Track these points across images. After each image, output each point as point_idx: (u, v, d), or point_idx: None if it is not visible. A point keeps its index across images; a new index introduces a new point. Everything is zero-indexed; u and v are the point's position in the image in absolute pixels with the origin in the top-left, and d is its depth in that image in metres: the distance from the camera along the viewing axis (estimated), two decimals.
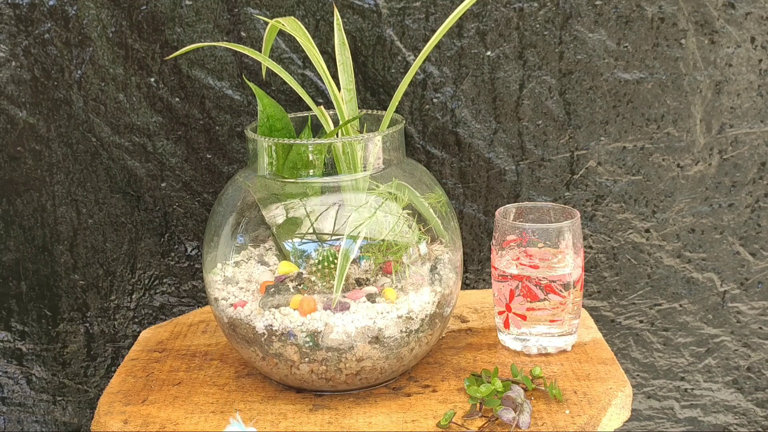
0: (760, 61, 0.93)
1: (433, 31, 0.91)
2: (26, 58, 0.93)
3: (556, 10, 0.92)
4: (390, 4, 0.91)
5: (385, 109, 0.76)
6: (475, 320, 0.88)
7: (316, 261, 0.71)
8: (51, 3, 0.91)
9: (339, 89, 0.76)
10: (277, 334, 0.69)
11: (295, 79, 0.80)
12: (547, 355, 0.79)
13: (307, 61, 0.93)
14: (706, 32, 0.92)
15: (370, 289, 0.72)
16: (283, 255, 0.75)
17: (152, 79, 0.94)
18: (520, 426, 0.67)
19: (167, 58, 0.93)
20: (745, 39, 0.93)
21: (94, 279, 1.01)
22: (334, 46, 0.78)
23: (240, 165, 0.97)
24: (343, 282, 0.68)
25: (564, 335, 0.79)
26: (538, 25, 0.92)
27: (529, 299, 0.78)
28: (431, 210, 0.75)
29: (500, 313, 0.80)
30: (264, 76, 0.92)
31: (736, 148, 0.96)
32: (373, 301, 0.70)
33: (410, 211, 0.73)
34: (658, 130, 0.95)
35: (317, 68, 0.77)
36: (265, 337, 0.70)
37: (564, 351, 0.80)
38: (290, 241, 0.74)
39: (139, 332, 0.93)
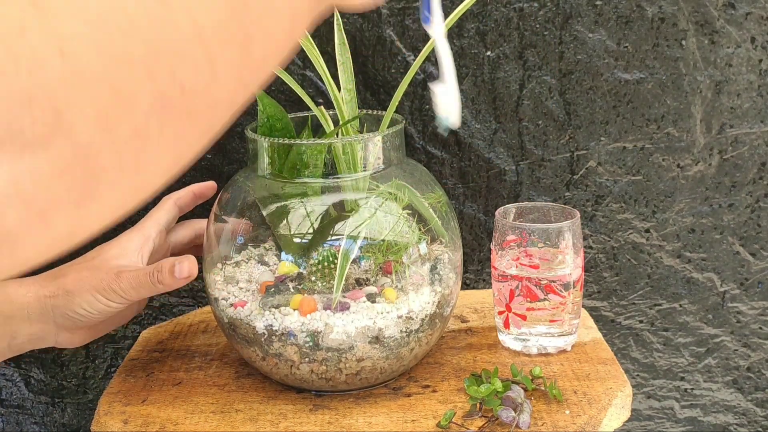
0: (760, 61, 0.93)
1: None
2: None
3: (556, 10, 0.92)
4: (390, 4, 0.91)
5: (385, 109, 0.76)
6: (475, 320, 0.88)
7: (316, 261, 0.71)
8: None
9: (339, 89, 0.76)
10: (277, 334, 0.69)
11: (295, 79, 0.79)
12: (547, 355, 0.79)
13: (307, 61, 0.93)
14: (706, 32, 0.92)
15: (370, 289, 0.71)
16: (278, 247, 0.75)
17: None
18: (520, 426, 0.67)
19: None
20: (745, 39, 0.93)
21: None
22: (334, 46, 0.78)
23: (240, 165, 0.97)
24: (343, 282, 0.68)
25: (564, 335, 0.79)
26: (538, 25, 0.92)
27: (529, 299, 0.78)
28: (431, 210, 0.75)
29: (500, 313, 0.80)
30: None
31: (736, 148, 0.96)
32: (373, 301, 0.70)
33: (410, 211, 0.73)
34: (658, 130, 0.95)
35: (317, 68, 0.77)
36: (265, 337, 0.70)
37: (564, 351, 0.80)
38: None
39: (139, 332, 0.93)
